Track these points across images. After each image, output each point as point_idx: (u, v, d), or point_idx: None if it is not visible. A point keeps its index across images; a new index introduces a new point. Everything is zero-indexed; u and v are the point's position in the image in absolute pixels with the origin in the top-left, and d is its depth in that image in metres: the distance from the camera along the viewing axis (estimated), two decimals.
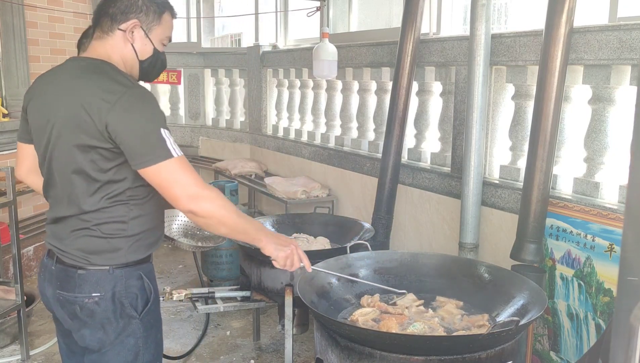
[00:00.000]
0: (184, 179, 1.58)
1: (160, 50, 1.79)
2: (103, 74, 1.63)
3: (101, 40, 1.72)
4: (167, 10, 1.77)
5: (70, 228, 1.69)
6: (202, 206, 1.59)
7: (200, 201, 1.59)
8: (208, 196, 1.60)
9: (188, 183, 1.58)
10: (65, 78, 1.65)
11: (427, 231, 3.35)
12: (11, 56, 4.79)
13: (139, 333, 1.74)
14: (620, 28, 2.29)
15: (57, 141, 1.63)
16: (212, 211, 1.61)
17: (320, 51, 3.73)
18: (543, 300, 1.94)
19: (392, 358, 1.73)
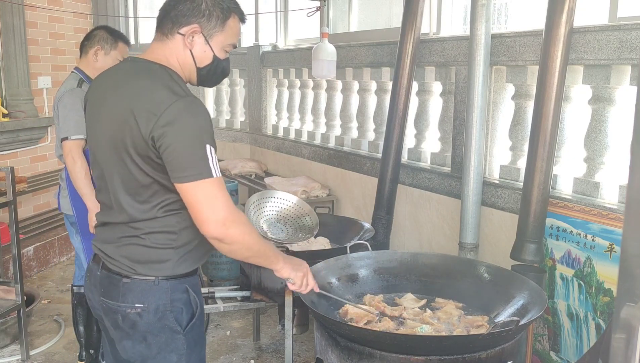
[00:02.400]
0: (217, 202, 1.53)
1: (221, 57, 1.70)
2: (157, 79, 1.57)
3: (161, 42, 1.66)
4: (232, 15, 1.67)
5: (119, 234, 1.65)
6: (229, 233, 1.55)
7: (228, 227, 1.54)
8: (237, 222, 1.56)
9: (220, 207, 1.53)
10: (120, 79, 1.62)
11: (427, 231, 3.35)
12: (11, 56, 4.79)
13: (182, 349, 1.67)
14: (620, 28, 2.29)
15: (107, 144, 1.60)
16: (239, 238, 1.57)
17: (319, 51, 3.72)
18: (543, 300, 1.94)
19: (392, 358, 1.73)
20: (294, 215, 2.52)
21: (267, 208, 2.43)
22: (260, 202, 2.41)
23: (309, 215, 2.50)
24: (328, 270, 2.26)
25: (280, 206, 2.46)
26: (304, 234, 2.42)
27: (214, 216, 1.52)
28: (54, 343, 3.43)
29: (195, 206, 1.53)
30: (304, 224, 2.49)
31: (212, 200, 1.52)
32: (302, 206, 2.50)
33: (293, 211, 2.51)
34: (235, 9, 1.69)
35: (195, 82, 1.72)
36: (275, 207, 2.46)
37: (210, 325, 3.72)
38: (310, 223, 2.51)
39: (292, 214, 2.52)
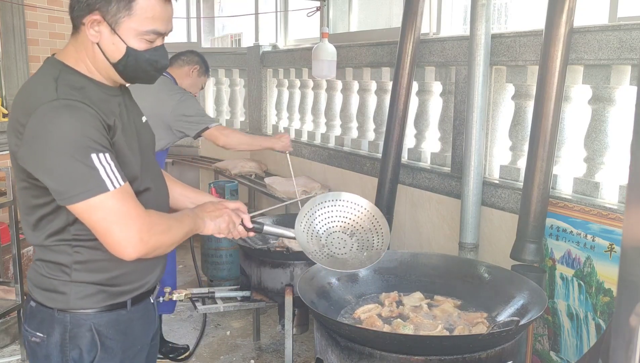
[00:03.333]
0: (124, 218, 1.30)
1: (140, 48, 1.39)
2: (35, 83, 1.36)
3: (72, 37, 1.41)
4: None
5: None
6: (150, 245, 1.34)
7: (147, 241, 1.33)
8: (152, 228, 1.34)
9: (130, 221, 1.30)
10: (25, 83, 1.44)
11: (427, 231, 3.35)
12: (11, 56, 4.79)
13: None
14: (620, 28, 2.29)
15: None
16: (161, 241, 1.38)
17: (319, 51, 3.72)
18: (543, 300, 1.94)
19: (392, 358, 1.73)
20: (364, 226, 1.93)
21: (328, 215, 1.93)
22: (319, 208, 1.91)
23: (382, 230, 1.91)
24: (328, 270, 2.26)
25: (346, 213, 1.95)
26: (369, 254, 1.86)
27: (125, 236, 1.30)
28: None
29: (98, 229, 1.31)
30: (372, 243, 1.90)
31: (118, 217, 1.29)
32: (376, 216, 1.94)
33: (366, 222, 1.93)
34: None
35: (121, 80, 1.45)
36: (340, 213, 1.94)
37: (210, 325, 3.72)
38: (380, 243, 1.89)
39: (361, 224, 1.93)
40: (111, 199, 1.29)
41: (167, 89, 3.17)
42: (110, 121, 1.36)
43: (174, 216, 1.48)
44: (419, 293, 2.26)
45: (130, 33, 1.37)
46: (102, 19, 1.34)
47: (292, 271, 2.79)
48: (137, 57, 1.40)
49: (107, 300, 1.45)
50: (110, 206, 1.29)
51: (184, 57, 3.41)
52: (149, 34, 1.39)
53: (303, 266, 2.74)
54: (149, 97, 3.06)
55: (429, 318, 2.08)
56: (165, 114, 3.08)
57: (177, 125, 3.12)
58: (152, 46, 1.42)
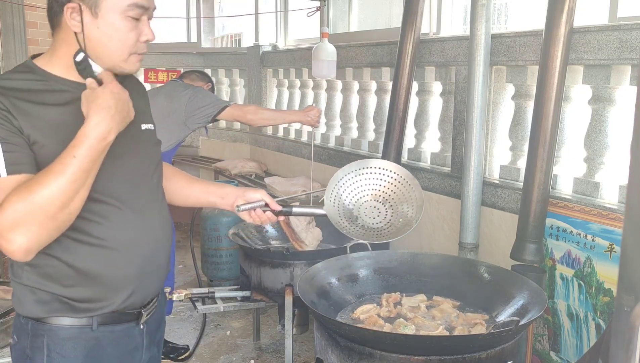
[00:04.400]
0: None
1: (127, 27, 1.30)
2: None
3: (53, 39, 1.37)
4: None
5: None
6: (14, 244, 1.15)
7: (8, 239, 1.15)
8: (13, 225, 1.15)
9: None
10: None
11: (427, 231, 3.35)
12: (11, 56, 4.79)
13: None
14: (620, 28, 2.29)
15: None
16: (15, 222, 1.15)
17: (319, 51, 3.72)
18: (543, 300, 1.94)
19: (392, 358, 1.73)
20: (400, 193, 1.80)
21: (363, 182, 1.80)
22: (347, 179, 1.80)
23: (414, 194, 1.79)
24: (328, 270, 2.26)
25: (379, 180, 1.81)
26: (404, 220, 1.77)
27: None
28: None
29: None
30: (406, 211, 1.81)
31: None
32: (412, 185, 1.81)
33: (398, 187, 1.80)
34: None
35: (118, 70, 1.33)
36: (369, 181, 1.81)
37: (210, 325, 3.72)
38: (413, 210, 1.80)
39: (396, 192, 1.80)
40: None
41: (181, 87, 3.31)
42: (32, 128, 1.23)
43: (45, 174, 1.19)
44: (422, 295, 2.26)
45: (112, 13, 1.28)
46: (79, 5, 1.27)
47: (292, 271, 2.79)
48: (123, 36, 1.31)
49: (66, 312, 1.32)
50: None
51: (199, 73, 3.64)
52: (132, 9, 1.29)
53: (303, 266, 2.74)
54: (162, 97, 3.22)
55: (427, 319, 2.08)
56: (180, 110, 3.18)
57: (193, 119, 3.21)
58: (139, 24, 1.33)
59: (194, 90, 3.26)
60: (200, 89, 3.30)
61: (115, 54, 1.31)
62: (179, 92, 3.25)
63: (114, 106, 1.23)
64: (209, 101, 3.22)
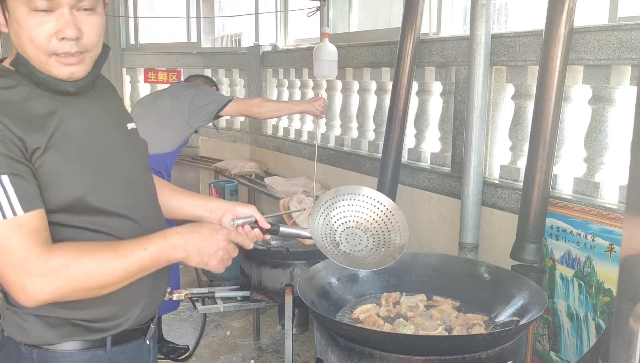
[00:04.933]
0: (11, 257, 1.07)
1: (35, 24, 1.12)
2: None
3: None
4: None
5: None
6: (52, 291, 1.10)
7: (44, 285, 1.09)
8: (51, 271, 1.09)
9: (18, 261, 1.07)
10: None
11: (427, 231, 3.34)
12: None
13: None
14: (620, 28, 2.29)
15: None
16: (72, 287, 1.12)
17: (320, 50, 3.72)
18: (543, 300, 1.94)
19: (392, 358, 1.73)
20: (382, 224, 1.82)
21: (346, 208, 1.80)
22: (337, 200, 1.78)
23: (400, 231, 1.83)
24: (328, 270, 2.26)
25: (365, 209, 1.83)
26: (386, 250, 1.77)
27: (14, 281, 1.09)
28: None
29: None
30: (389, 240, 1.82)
31: (3, 257, 1.08)
32: (396, 215, 1.84)
33: (382, 218, 1.83)
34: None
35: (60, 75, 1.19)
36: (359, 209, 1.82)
37: (210, 325, 3.72)
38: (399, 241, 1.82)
39: (379, 222, 1.82)
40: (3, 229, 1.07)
41: (184, 87, 3.34)
42: (35, 136, 1.13)
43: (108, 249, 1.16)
44: (422, 295, 2.26)
45: (18, 6, 1.12)
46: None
47: (292, 271, 2.79)
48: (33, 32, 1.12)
49: (78, 335, 1.24)
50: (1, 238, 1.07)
51: (204, 78, 3.67)
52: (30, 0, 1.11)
53: (303, 266, 2.74)
54: (166, 98, 3.25)
55: (426, 318, 2.08)
56: (182, 109, 3.20)
57: (196, 118, 3.23)
58: (51, 18, 1.13)
59: (196, 89, 3.28)
60: (203, 88, 3.32)
61: (32, 56, 1.16)
62: (182, 92, 3.27)
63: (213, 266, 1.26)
64: (211, 99, 3.23)
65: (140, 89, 5.97)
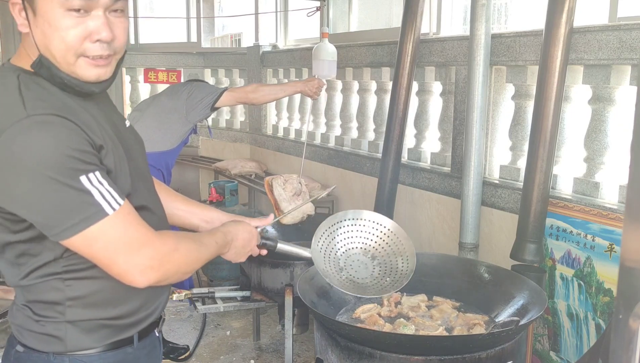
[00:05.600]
0: (130, 243, 1.13)
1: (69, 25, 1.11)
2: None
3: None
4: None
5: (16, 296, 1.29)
6: (163, 271, 1.19)
7: (159, 267, 1.17)
8: (166, 252, 1.19)
9: (137, 246, 1.14)
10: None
11: (427, 231, 3.35)
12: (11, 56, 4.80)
13: None
14: (620, 28, 2.29)
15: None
16: (177, 267, 1.23)
17: (320, 50, 3.72)
18: (543, 300, 1.94)
19: (392, 358, 1.73)
20: (387, 248, 1.76)
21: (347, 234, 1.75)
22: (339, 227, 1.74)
23: (407, 256, 1.76)
24: None
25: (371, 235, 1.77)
26: (392, 278, 1.72)
27: (134, 263, 1.14)
28: None
29: (102, 259, 1.14)
30: (396, 267, 1.75)
31: (122, 243, 1.13)
32: (401, 238, 1.78)
33: (390, 244, 1.76)
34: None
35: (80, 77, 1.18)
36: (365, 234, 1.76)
37: (210, 325, 3.72)
38: (405, 267, 1.75)
39: (386, 249, 1.76)
40: (111, 224, 1.11)
41: (180, 84, 3.41)
42: (94, 135, 1.15)
43: (196, 237, 1.33)
44: (422, 295, 2.26)
45: (49, 6, 1.10)
46: (20, 3, 1.12)
47: (292, 271, 2.79)
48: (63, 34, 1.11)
49: (112, 337, 1.27)
50: (112, 233, 1.11)
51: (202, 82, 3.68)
52: (70, 0, 1.10)
53: (303, 266, 2.74)
54: (163, 97, 3.31)
55: (426, 319, 2.08)
56: (180, 106, 3.24)
57: (194, 113, 3.26)
58: (86, 19, 1.13)
59: (191, 84, 3.32)
60: (198, 83, 3.36)
61: (59, 57, 1.14)
62: (178, 89, 3.32)
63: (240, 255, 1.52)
64: (207, 91, 3.27)
65: (140, 89, 5.97)
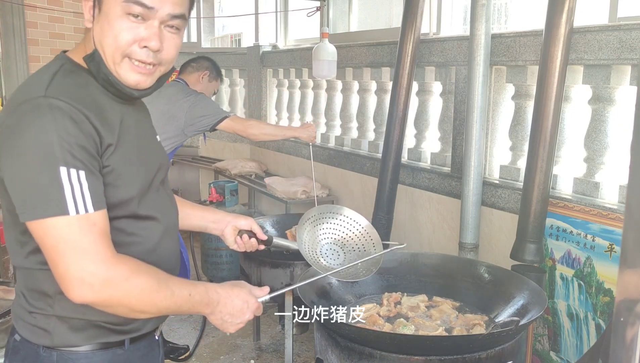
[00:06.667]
0: (76, 253, 1.08)
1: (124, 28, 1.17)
2: (33, 78, 1.20)
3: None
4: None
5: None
6: (102, 297, 1.11)
7: (98, 290, 1.09)
8: (112, 281, 1.10)
9: (81, 259, 1.08)
10: None
11: (427, 231, 3.35)
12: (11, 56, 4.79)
13: None
14: (620, 28, 2.29)
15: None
16: (123, 301, 1.13)
17: (320, 51, 3.72)
18: (543, 300, 1.94)
19: (392, 358, 1.73)
20: (358, 242, 2.04)
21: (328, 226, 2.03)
22: (322, 217, 2.02)
23: (374, 246, 2.02)
24: None
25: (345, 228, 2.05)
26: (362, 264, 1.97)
27: (73, 273, 1.08)
28: None
29: (48, 256, 1.10)
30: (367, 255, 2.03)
31: (71, 248, 1.08)
32: (370, 233, 2.06)
33: (359, 236, 2.04)
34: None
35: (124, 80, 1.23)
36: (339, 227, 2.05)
37: (210, 325, 3.71)
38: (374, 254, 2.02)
39: (356, 240, 2.04)
40: (68, 225, 1.07)
41: (182, 92, 3.17)
42: (109, 133, 1.17)
43: (164, 280, 1.19)
44: (423, 295, 2.26)
45: (112, 7, 1.16)
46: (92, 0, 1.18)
47: (292, 271, 2.79)
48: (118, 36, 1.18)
49: (100, 337, 1.25)
50: (65, 234, 1.07)
51: (194, 63, 3.44)
52: (130, 6, 1.15)
53: (303, 266, 2.74)
54: (162, 101, 3.08)
55: (426, 319, 2.08)
56: (179, 117, 3.08)
57: (191, 128, 3.12)
58: (141, 26, 1.18)
59: (195, 97, 3.15)
60: (202, 97, 3.19)
61: (108, 54, 1.19)
62: (180, 97, 3.13)
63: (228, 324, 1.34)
64: (209, 111, 3.12)
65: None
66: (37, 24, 5.04)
